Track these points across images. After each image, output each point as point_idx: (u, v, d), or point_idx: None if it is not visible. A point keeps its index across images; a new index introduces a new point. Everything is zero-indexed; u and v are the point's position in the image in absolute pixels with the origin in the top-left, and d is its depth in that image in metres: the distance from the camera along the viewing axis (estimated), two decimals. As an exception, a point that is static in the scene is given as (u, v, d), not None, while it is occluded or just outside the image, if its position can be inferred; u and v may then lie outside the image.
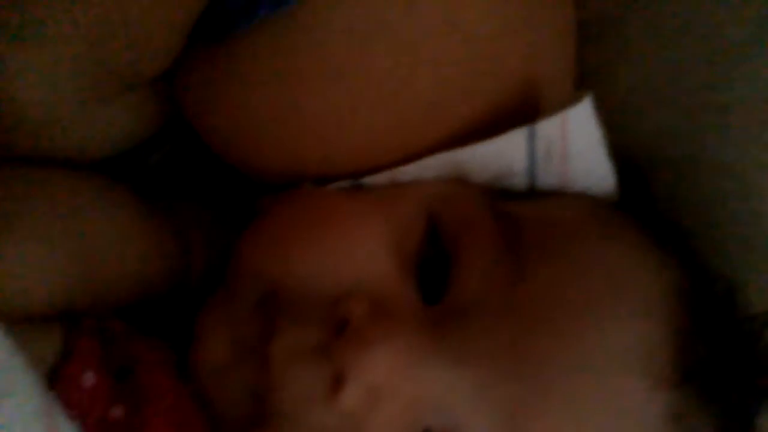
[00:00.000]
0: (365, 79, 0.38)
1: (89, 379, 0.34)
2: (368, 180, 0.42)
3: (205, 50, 0.39)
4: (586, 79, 0.48)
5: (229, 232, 0.43)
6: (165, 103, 0.42)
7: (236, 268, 0.40)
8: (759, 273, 0.44)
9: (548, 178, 0.43)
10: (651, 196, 0.46)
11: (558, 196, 0.43)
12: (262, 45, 0.37)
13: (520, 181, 0.43)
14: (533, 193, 0.43)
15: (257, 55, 0.38)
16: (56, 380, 0.33)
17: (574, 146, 0.42)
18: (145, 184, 0.44)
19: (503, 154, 0.41)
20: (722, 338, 0.38)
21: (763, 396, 0.40)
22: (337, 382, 0.35)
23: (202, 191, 0.47)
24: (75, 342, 0.34)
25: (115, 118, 0.40)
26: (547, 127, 0.41)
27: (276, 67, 0.37)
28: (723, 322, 0.39)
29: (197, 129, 0.41)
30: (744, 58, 0.44)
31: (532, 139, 0.41)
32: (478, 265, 0.38)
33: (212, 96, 0.39)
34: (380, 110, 0.38)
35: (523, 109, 0.42)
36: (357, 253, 0.38)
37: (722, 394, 0.38)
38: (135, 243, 0.40)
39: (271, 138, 0.39)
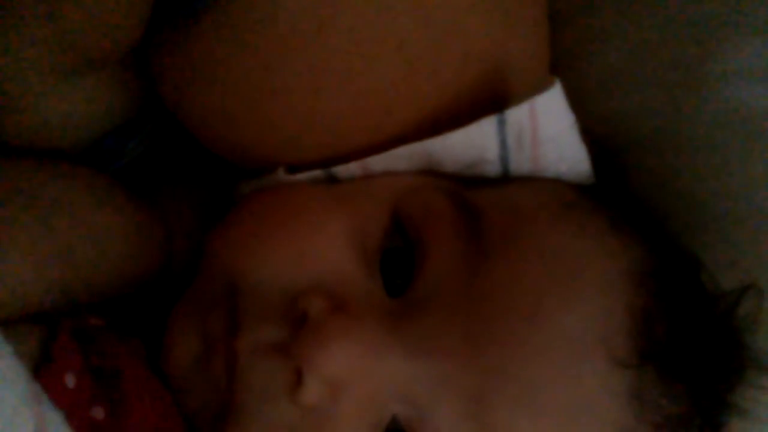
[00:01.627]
0: (325, 58, 0.38)
1: (71, 381, 0.34)
2: (340, 170, 0.42)
3: (175, 27, 0.39)
4: (560, 62, 0.48)
5: (211, 221, 0.43)
6: (140, 84, 0.42)
7: (206, 262, 0.41)
8: (738, 249, 0.45)
9: (521, 164, 0.43)
10: (626, 178, 0.47)
11: (526, 181, 0.43)
12: (227, 21, 0.37)
13: (493, 169, 0.43)
14: (506, 180, 0.43)
15: (222, 30, 0.38)
16: (37, 383, 0.33)
17: (545, 132, 0.42)
18: (127, 175, 0.44)
19: (474, 143, 0.42)
20: (688, 318, 0.39)
21: (735, 374, 0.40)
22: (298, 378, 0.36)
23: (186, 179, 0.48)
24: (54, 344, 0.35)
25: (88, 97, 0.40)
26: (517, 114, 0.41)
27: (240, 42, 0.37)
28: (689, 301, 0.40)
29: (173, 111, 0.42)
30: (718, 33, 0.44)
31: (502, 126, 0.41)
32: (440, 257, 0.38)
33: (183, 74, 0.39)
34: (342, 91, 0.39)
35: (495, 96, 0.42)
36: (318, 249, 0.39)
37: (688, 373, 0.38)
38: (124, 237, 0.41)
39: (240, 117, 0.40)
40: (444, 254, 0.38)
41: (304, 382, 0.36)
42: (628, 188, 0.46)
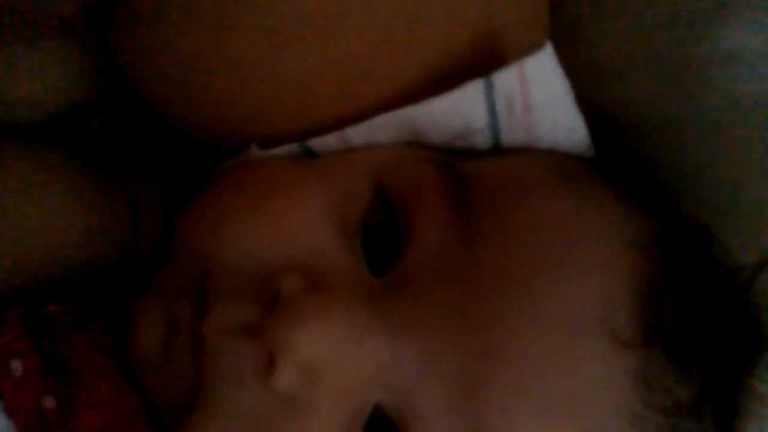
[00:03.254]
0: (289, 14, 0.35)
1: (17, 368, 0.32)
2: (317, 143, 0.39)
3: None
4: (557, 44, 0.45)
5: (184, 205, 0.41)
6: (100, 59, 0.40)
7: (176, 246, 0.38)
8: (749, 236, 0.41)
9: (513, 133, 0.40)
10: (630, 156, 0.44)
11: (521, 152, 0.40)
12: None
13: (483, 140, 0.40)
14: (497, 152, 0.41)
15: None
16: None
17: (537, 98, 0.39)
18: (95, 156, 0.42)
19: (460, 110, 0.39)
20: (699, 293, 0.35)
21: (752, 355, 0.37)
22: (270, 362, 0.33)
23: (160, 164, 0.46)
24: (2, 329, 0.33)
25: (40, 67, 0.38)
26: (505, 78, 0.38)
27: (189, 4, 0.35)
28: (700, 275, 0.36)
29: (136, 86, 0.39)
30: (717, 14, 0.41)
31: (490, 91, 0.38)
32: (427, 231, 0.35)
33: (138, 44, 0.37)
34: (308, 55, 0.36)
35: (485, 64, 0.39)
36: (293, 226, 0.36)
37: (699, 354, 0.35)
38: (77, 216, 0.38)
39: (200, 86, 0.37)
40: (432, 228, 0.35)
41: (277, 367, 0.33)
42: (632, 162, 0.43)
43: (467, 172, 0.37)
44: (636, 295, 0.34)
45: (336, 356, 0.33)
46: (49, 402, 0.32)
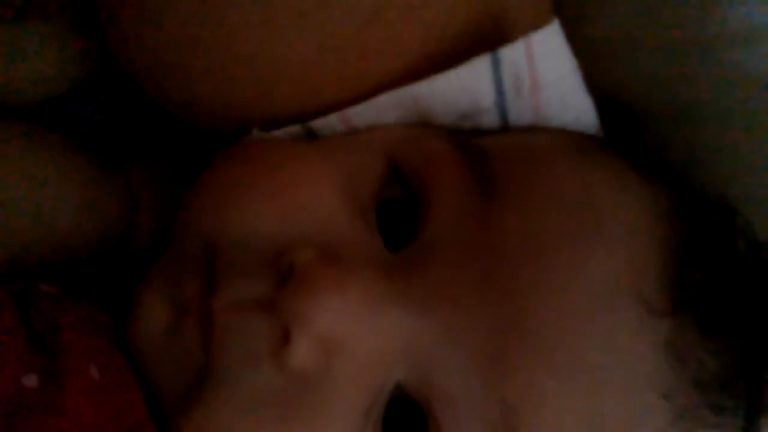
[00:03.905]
0: None
1: None
2: (320, 124, 0.38)
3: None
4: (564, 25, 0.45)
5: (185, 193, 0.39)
6: (92, 44, 0.39)
7: (181, 224, 0.36)
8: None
9: (521, 113, 0.39)
10: (640, 138, 0.43)
11: (532, 129, 0.39)
12: None
13: (490, 119, 0.39)
14: (506, 131, 0.39)
15: None
16: None
17: (545, 75, 0.38)
18: (91, 139, 0.41)
19: (467, 88, 0.37)
20: (728, 263, 0.34)
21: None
22: (284, 337, 0.31)
23: (159, 152, 0.44)
24: None
25: (34, 49, 0.37)
26: (512, 54, 0.37)
27: None
28: (728, 245, 0.35)
29: (130, 72, 0.38)
30: None
31: (496, 68, 0.37)
32: (446, 203, 0.34)
33: (130, 22, 0.36)
34: (303, 30, 0.35)
35: (488, 43, 0.38)
36: (303, 200, 0.35)
37: (732, 326, 0.33)
38: (70, 191, 0.37)
39: (196, 67, 0.36)
40: (450, 200, 0.34)
41: (292, 341, 0.31)
42: (642, 144, 0.42)
43: (482, 145, 0.36)
44: (664, 264, 0.32)
45: (354, 330, 0.31)
46: (31, 380, 0.30)
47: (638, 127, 0.43)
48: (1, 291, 0.32)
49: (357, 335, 0.32)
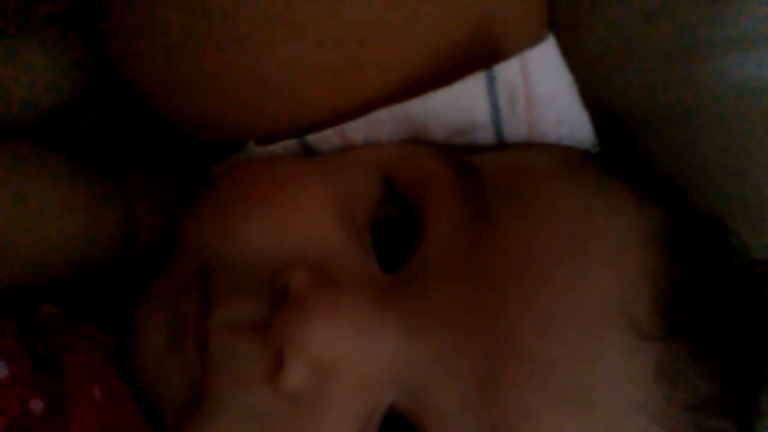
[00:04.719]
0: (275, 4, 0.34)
1: (2, 369, 0.30)
2: (316, 139, 0.38)
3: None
4: (555, 31, 0.44)
5: (182, 207, 0.39)
6: (88, 56, 0.39)
7: (177, 246, 0.37)
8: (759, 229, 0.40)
9: (516, 128, 0.39)
10: (635, 150, 0.43)
11: (526, 146, 0.39)
12: None
13: (486, 135, 0.39)
14: (501, 147, 0.39)
15: None
16: None
17: (540, 90, 0.38)
18: (87, 152, 0.41)
19: (463, 105, 0.38)
20: (720, 284, 0.34)
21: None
22: (278, 361, 0.31)
23: (156, 165, 0.45)
24: None
25: (28, 62, 0.38)
26: (507, 70, 0.37)
27: None
28: (720, 266, 0.35)
29: (130, 83, 0.38)
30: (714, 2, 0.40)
31: (492, 85, 0.37)
32: (440, 224, 0.34)
33: (127, 33, 0.36)
34: (298, 40, 0.35)
35: (483, 58, 0.38)
36: (298, 221, 0.35)
37: (723, 348, 0.33)
38: (66, 215, 0.37)
39: (191, 77, 0.36)
40: (444, 221, 0.34)
41: (285, 365, 0.31)
42: (638, 158, 0.42)
43: (476, 164, 0.36)
44: (655, 287, 0.33)
45: (347, 353, 0.32)
46: (36, 405, 0.30)
47: (633, 140, 0.43)
48: (5, 314, 0.32)
49: (350, 358, 0.32)
